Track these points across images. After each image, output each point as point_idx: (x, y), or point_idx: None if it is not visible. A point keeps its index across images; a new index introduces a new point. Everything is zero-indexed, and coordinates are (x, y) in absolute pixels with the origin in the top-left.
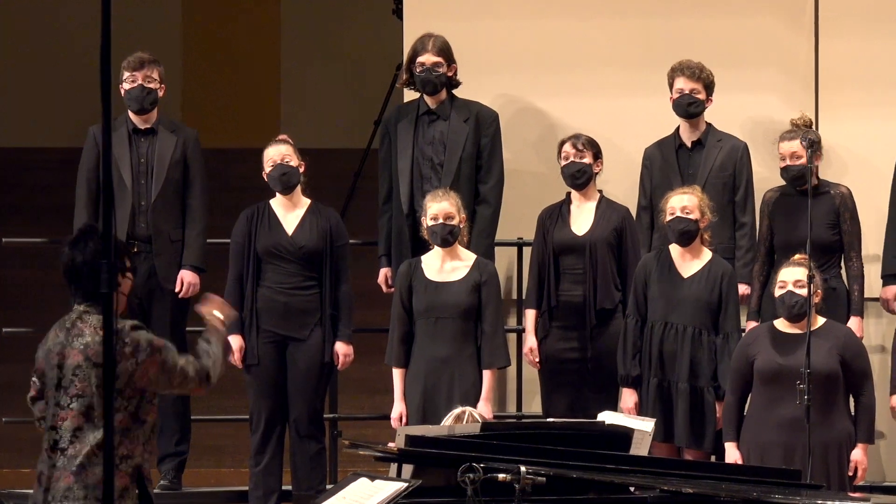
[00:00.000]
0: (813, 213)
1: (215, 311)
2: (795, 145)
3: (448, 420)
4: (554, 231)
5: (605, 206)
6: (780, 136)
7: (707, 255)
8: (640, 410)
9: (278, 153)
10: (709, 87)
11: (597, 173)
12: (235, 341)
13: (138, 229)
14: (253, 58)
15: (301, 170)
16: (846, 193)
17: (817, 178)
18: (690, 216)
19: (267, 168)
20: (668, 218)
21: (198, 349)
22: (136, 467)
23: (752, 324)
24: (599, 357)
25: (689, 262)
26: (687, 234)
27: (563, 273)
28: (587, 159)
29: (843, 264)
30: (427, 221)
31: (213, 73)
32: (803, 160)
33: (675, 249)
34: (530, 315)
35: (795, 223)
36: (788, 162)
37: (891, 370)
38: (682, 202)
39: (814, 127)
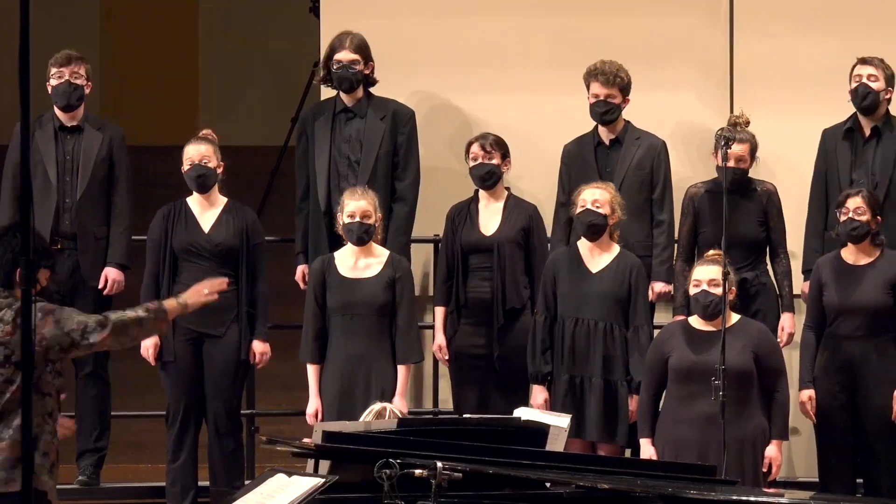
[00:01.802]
0: (741, 211)
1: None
2: (741, 148)
3: (368, 416)
4: (462, 231)
5: (513, 205)
6: (722, 133)
7: (615, 249)
8: (551, 407)
9: (198, 153)
10: (624, 89)
11: (504, 173)
12: (150, 339)
13: (63, 226)
14: (171, 55)
15: (219, 171)
16: (772, 190)
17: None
18: (600, 210)
19: (185, 166)
20: (579, 210)
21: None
22: (34, 438)
23: (681, 318)
24: (507, 355)
25: (598, 258)
26: (595, 227)
27: (472, 271)
28: (495, 160)
29: (769, 260)
30: (343, 219)
31: (132, 71)
32: (746, 164)
33: (583, 245)
34: (439, 312)
35: (721, 221)
36: (732, 164)
37: (799, 365)
38: (594, 196)
39: (728, 125)
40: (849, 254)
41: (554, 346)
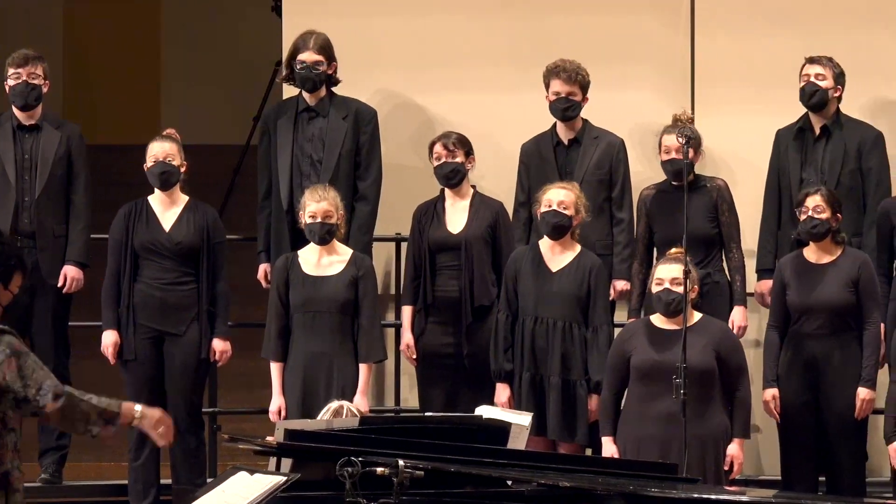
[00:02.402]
0: (691, 208)
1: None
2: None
3: (326, 414)
4: (429, 230)
5: (479, 203)
6: (663, 129)
7: (576, 249)
8: (514, 405)
9: (162, 150)
10: (584, 87)
11: (469, 171)
12: (111, 336)
13: (22, 225)
14: (134, 55)
15: (182, 170)
16: (723, 186)
17: (693, 173)
18: (566, 211)
19: (149, 163)
20: (544, 210)
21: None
22: (3, 474)
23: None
24: (476, 353)
25: (559, 257)
26: (560, 228)
27: (439, 270)
28: (459, 158)
29: (724, 256)
30: (305, 219)
31: (95, 70)
32: (692, 155)
33: (544, 244)
34: (407, 311)
35: (674, 219)
36: (674, 155)
37: (763, 364)
38: (559, 196)
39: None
40: (811, 252)
41: (514, 345)
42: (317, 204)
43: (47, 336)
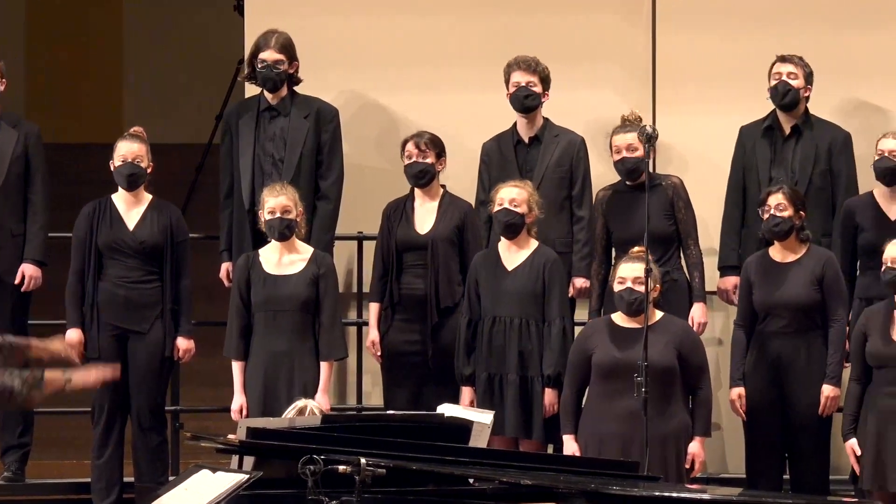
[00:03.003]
0: (648, 207)
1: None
2: (630, 137)
3: (291, 412)
4: (397, 228)
5: (448, 204)
6: (613, 129)
7: (532, 245)
8: (476, 406)
9: (130, 151)
10: (545, 80)
11: (439, 171)
12: (75, 335)
13: None
14: (96, 53)
15: (148, 171)
16: (678, 184)
17: (648, 172)
18: (517, 209)
19: (117, 162)
20: (496, 209)
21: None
22: None
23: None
24: (441, 352)
25: (515, 255)
26: (512, 226)
27: (406, 268)
28: (430, 159)
29: (682, 254)
30: (265, 215)
31: (57, 69)
32: (639, 153)
33: (502, 244)
34: (373, 308)
35: (631, 218)
36: (625, 154)
37: (730, 363)
38: (511, 195)
39: (651, 122)
40: (775, 251)
41: (476, 346)
42: (275, 199)
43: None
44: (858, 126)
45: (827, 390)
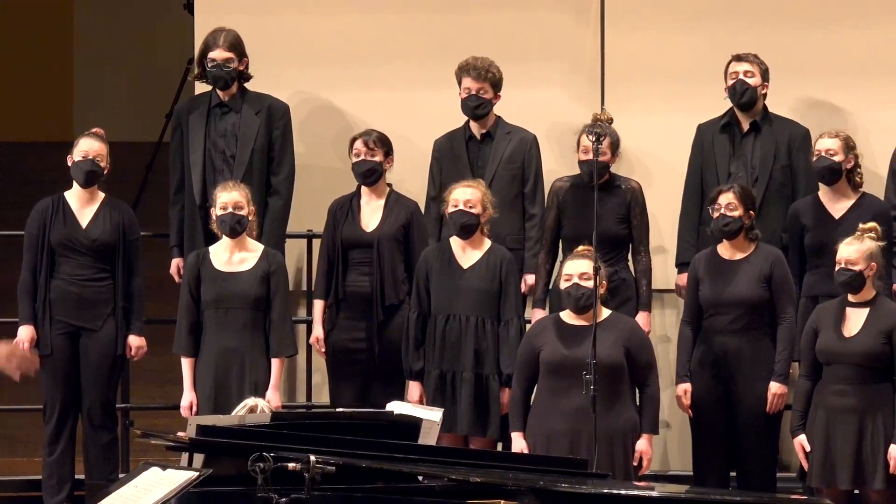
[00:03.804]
0: (604, 207)
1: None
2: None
3: (241, 410)
4: (343, 226)
5: (394, 202)
6: (582, 128)
7: (486, 244)
8: (426, 403)
9: (92, 148)
10: (496, 85)
11: (387, 170)
12: (27, 332)
13: None
14: (46, 51)
15: (105, 172)
16: (636, 188)
17: (610, 173)
18: (472, 210)
19: (77, 157)
20: (451, 210)
21: None
22: None
23: (538, 312)
24: (387, 350)
25: (469, 253)
26: (468, 227)
27: (351, 266)
28: (378, 157)
29: (630, 257)
30: (216, 212)
31: (6, 67)
32: (608, 156)
33: (455, 241)
34: (318, 305)
35: (586, 216)
36: (592, 156)
37: (676, 359)
38: (465, 196)
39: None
40: (724, 249)
41: (427, 343)
42: (228, 195)
43: None
44: (815, 124)
45: (774, 388)
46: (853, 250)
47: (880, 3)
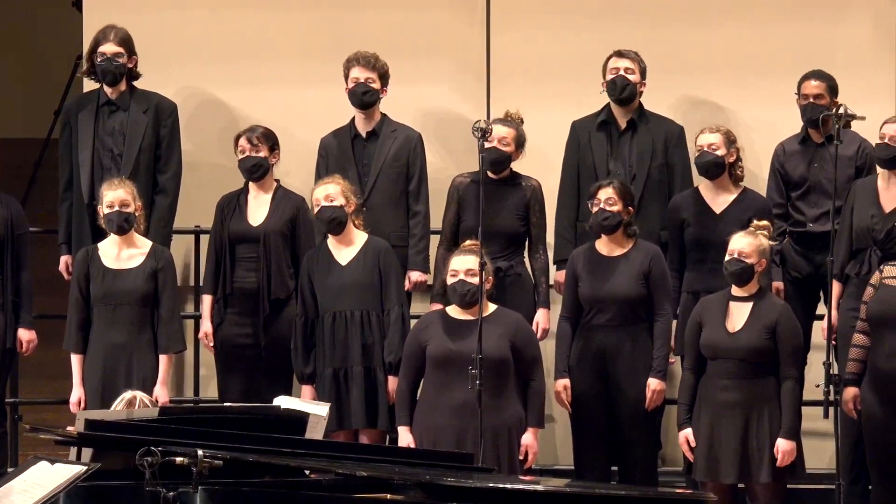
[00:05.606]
0: (503, 203)
1: None
2: (505, 131)
3: (119, 405)
4: (230, 221)
5: (281, 197)
6: (492, 120)
7: (362, 238)
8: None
9: None
10: (384, 77)
11: (273, 165)
12: None
13: None
14: None
15: None
16: (536, 187)
17: (511, 169)
18: (334, 203)
19: None
20: (316, 210)
21: None
22: None
23: (437, 307)
24: (273, 344)
25: (346, 249)
26: (335, 221)
27: (239, 261)
28: (263, 153)
29: (527, 254)
30: (103, 209)
31: None
32: (510, 148)
33: (331, 240)
34: (206, 300)
35: (484, 211)
36: (496, 144)
37: (555, 355)
38: (326, 192)
39: (485, 117)
40: (602, 245)
41: (317, 343)
42: (113, 192)
43: None
44: (697, 123)
45: (653, 384)
46: (746, 243)
47: (761, 1)
